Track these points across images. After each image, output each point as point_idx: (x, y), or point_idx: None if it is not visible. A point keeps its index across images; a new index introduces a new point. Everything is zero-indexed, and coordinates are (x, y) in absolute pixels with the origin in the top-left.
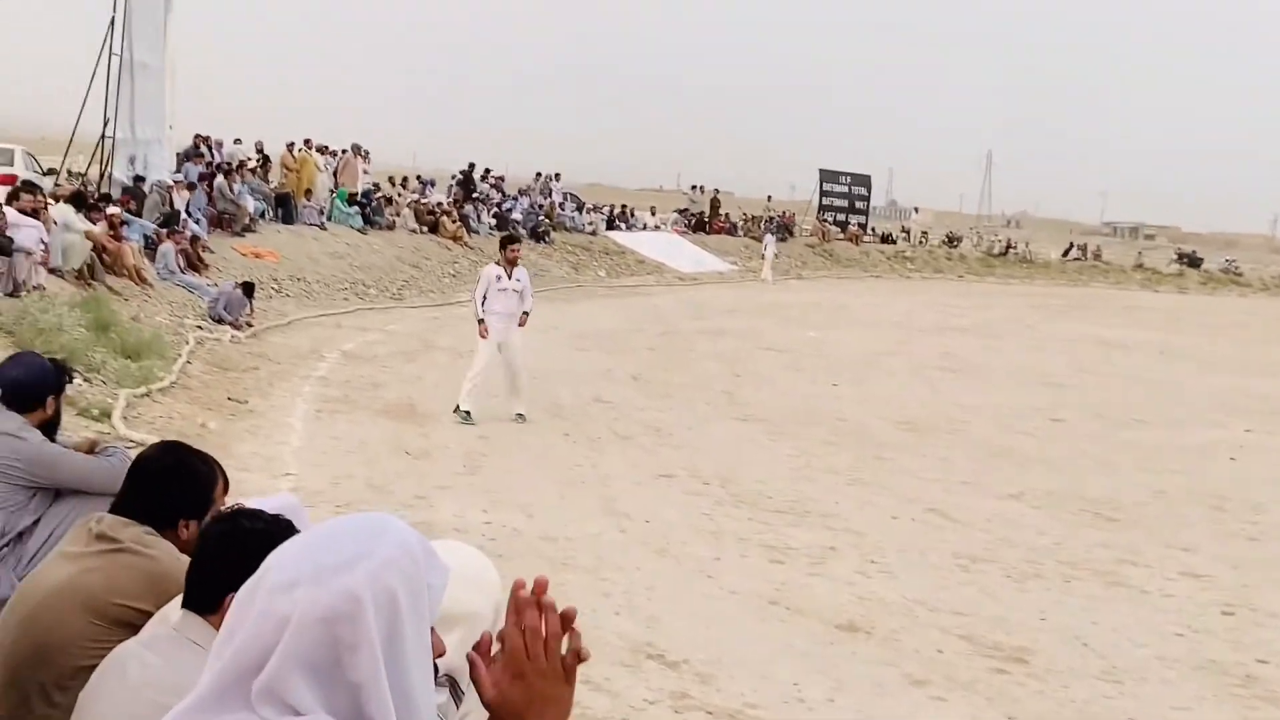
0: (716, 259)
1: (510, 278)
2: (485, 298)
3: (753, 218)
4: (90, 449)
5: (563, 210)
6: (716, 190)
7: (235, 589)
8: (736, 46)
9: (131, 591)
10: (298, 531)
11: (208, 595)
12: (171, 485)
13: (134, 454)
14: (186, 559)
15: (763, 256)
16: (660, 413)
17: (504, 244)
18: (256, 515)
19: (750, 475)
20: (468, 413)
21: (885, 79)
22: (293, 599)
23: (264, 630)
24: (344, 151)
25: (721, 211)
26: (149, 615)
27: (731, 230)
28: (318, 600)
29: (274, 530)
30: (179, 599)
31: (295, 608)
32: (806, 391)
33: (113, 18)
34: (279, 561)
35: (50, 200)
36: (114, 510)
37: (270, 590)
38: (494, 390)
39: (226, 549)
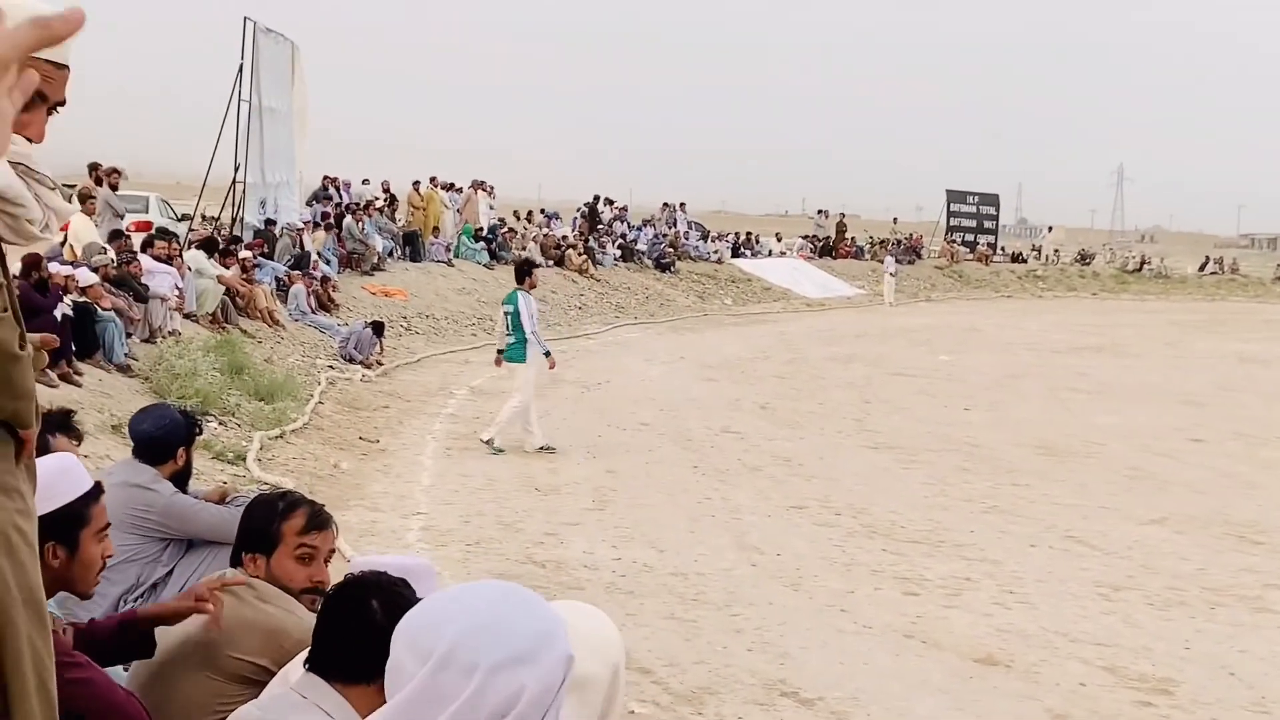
0: (843, 284)
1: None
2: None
3: (879, 241)
4: (221, 499)
5: (687, 240)
6: (842, 214)
7: (365, 657)
8: (861, 66)
9: (248, 646)
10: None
11: (336, 661)
12: (248, 532)
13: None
14: (307, 615)
15: (888, 278)
16: (790, 443)
17: (529, 270)
18: (388, 583)
19: (883, 505)
20: (548, 447)
21: (1014, 94)
22: (519, 677)
23: (489, 703)
24: (468, 187)
25: (847, 235)
26: (268, 672)
27: (858, 254)
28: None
29: (403, 598)
30: (300, 657)
31: (527, 683)
32: (939, 417)
33: (241, 64)
34: (462, 640)
35: (184, 246)
36: (233, 562)
37: (490, 669)
38: (620, 422)
39: (358, 617)
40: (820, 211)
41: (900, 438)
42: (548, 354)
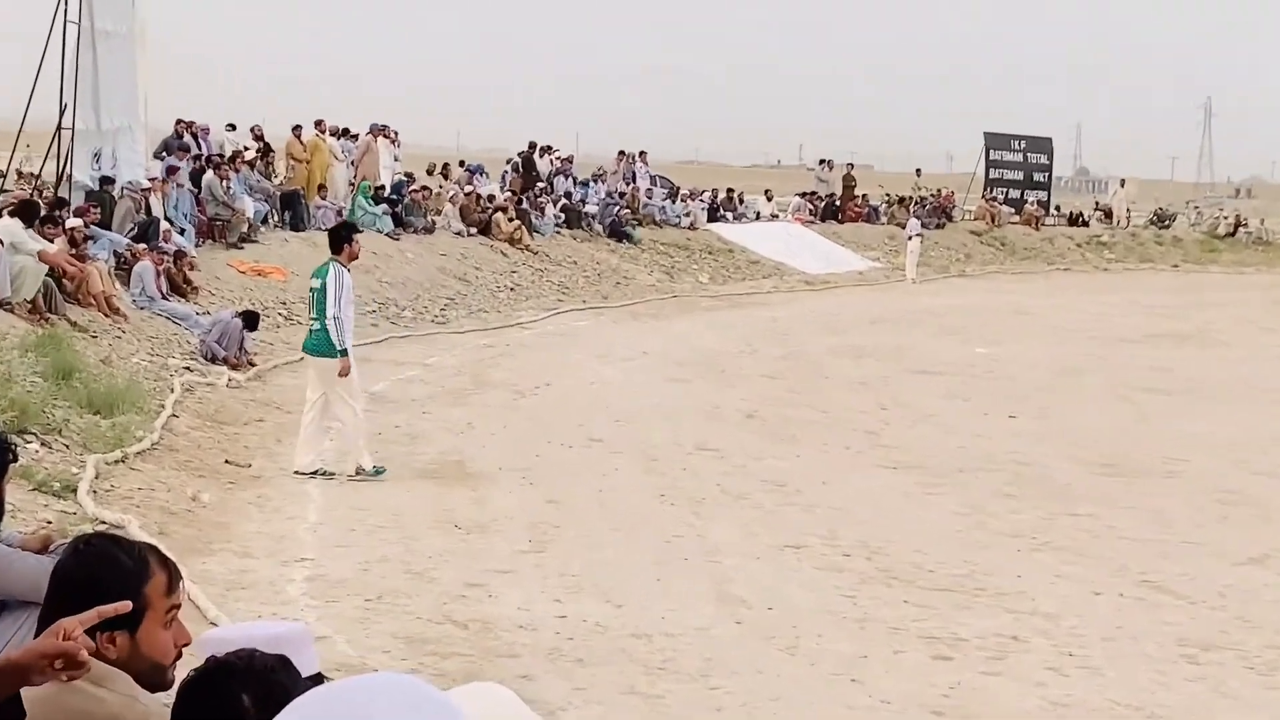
0: (852, 255)
1: None
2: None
3: (899, 199)
4: (44, 546)
5: (650, 199)
6: (851, 165)
7: None
8: None
9: None
10: (297, 676)
11: None
12: (89, 594)
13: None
14: (153, 701)
15: (909, 248)
16: (784, 462)
17: (349, 236)
18: (261, 668)
19: (904, 542)
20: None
21: (1071, 10)
22: None
23: None
24: (365, 134)
25: (858, 193)
26: None
27: (871, 216)
28: None
29: (280, 688)
30: None
31: None
32: (975, 427)
33: None
34: None
35: None
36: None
37: None
38: (565, 437)
39: (213, 706)
40: (822, 162)
41: (926, 454)
42: (343, 353)
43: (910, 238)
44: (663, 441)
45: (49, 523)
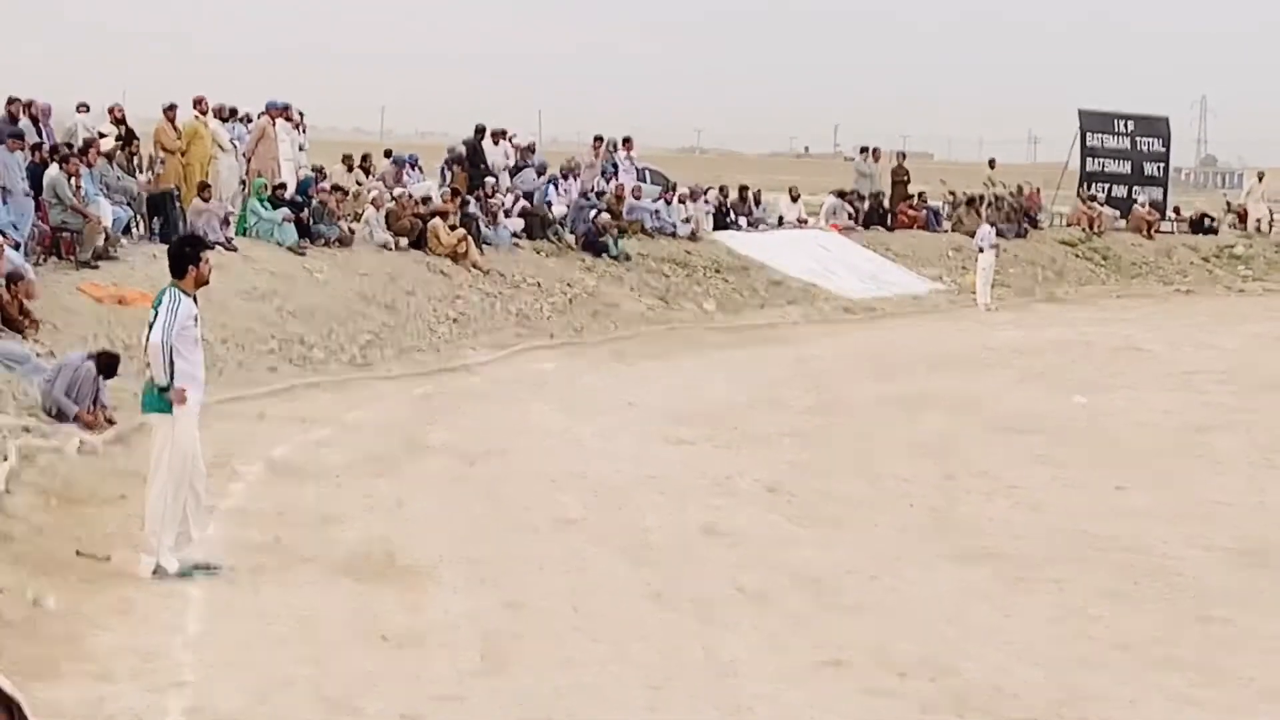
0: (905, 273)
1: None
2: (174, 350)
3: (967, 199)
4: None
5: (638, 200)
6: (901, 154)
7: None
8: None
9: None
10: None
11: None
12: None
13: None
14: None
15: (979, 263)
16: (819, 550)
17: (194, 256)
18: None
19: (980, 658)
20: (197, 567)
21: None
22: None
23: None
24: (260, 116)
25: (912, 190)
26: None
27: (930, 221)
28: None
29: None
30: None
31: None
32: (1072, 503)
33: None
34: None
35: None
36: None
37: None
38: (527, 518)
39: None
40: (864, 150)
41: (1006, 540)
42: (166, 388)
43: (981, 250)
44: (658, 524)
45: None
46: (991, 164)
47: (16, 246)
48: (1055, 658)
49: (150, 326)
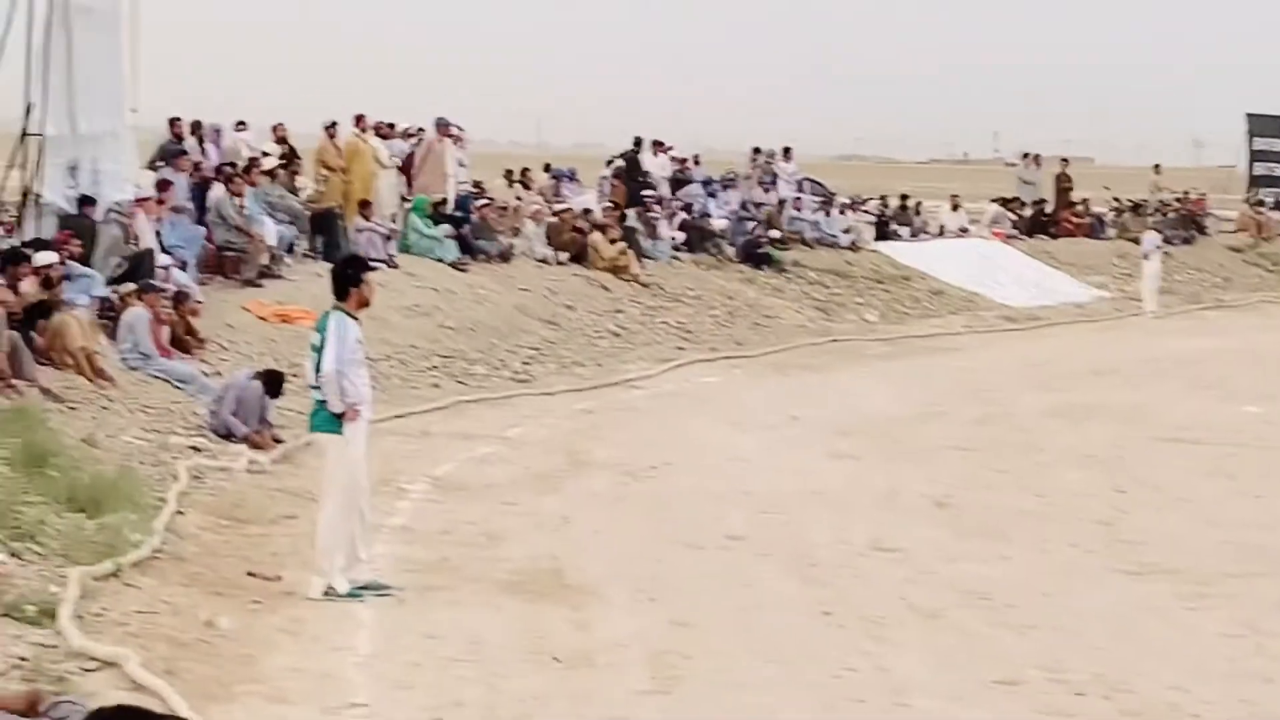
0: (1069, 281)
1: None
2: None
3: (1131, 205)
4: (30, 708)
5: (798, 211)
6: (1065, 161)
7: None
8: None
9: None
10: None
11: None
12: None
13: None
14: None
15: (1145, 270)
16: (988, 566)
17: (357, 277)
18: None
19: (1155, 675)
20: (366, 587)
21: None
22: None
23: None
24: (420, 131)
25: (1075, 197)
26: None
27: (1095, 229)
28: None
29: None
30: None
31: None
32: (1247, 515)
33: None
34: None
35: None
36: None
37: None
38: (693, 535)
39: None
40: (1026, 156)
41: (1180, 554)
42: (339, 416)
43: (1146, 256)
44: (824, 539)
45: (24, 661)
46: (1156, 169)
47: (183, 267)
48: (1232, 674)
49: (318, 352)
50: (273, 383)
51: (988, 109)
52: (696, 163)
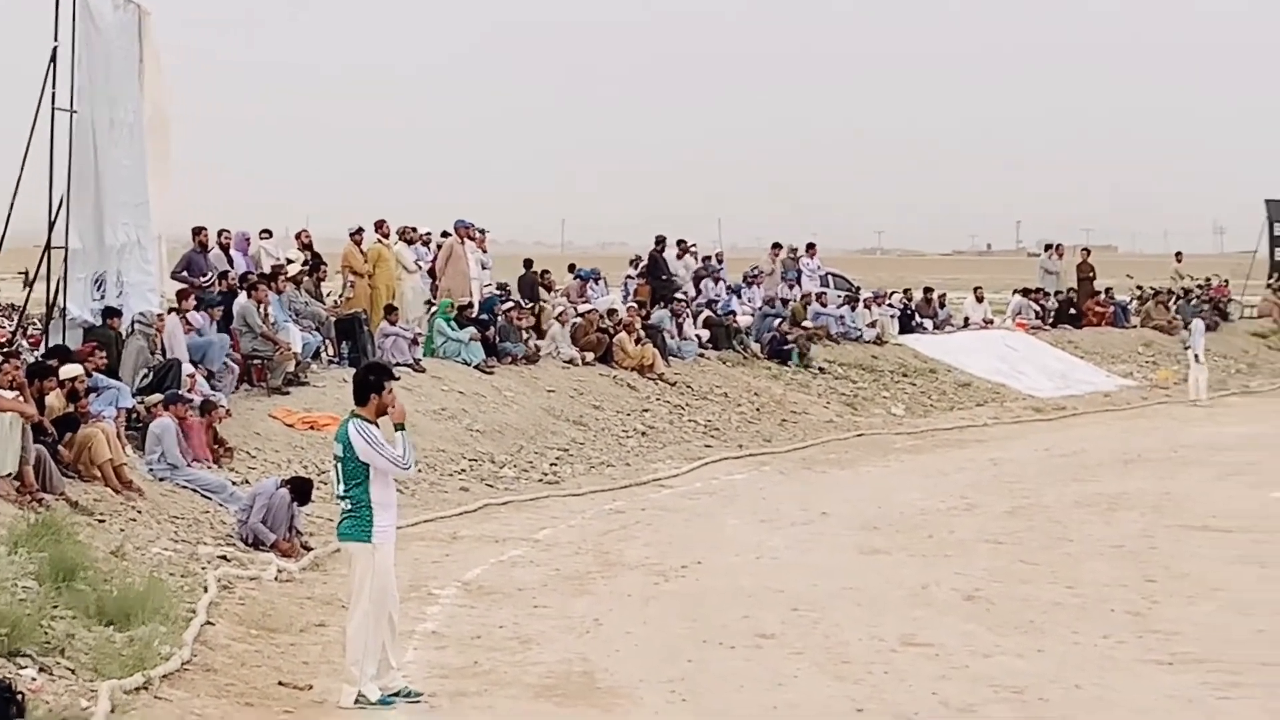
0: (1094, 370)
1: None
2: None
3: (1154, 293)
4: None
5: (823, 306)
6: (1086, 250)
7: None
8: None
9: None
10: None
11: None
12: None
13: None
14: None
15: (1194, 358)
16: (1021, 659)
17: (378, 384)
18: None
19: None
20: (398, 694)
21: None
22: None
23: None
24: (443, 236)
25: (1098, 286)
26: None
27: (1119, 317)
28: None
29: None
30: None
31: None
32: (1278, 602)
33: (55, 46)
34: None
35: None
36: None
37: None
38: (724, 634)
39: None
40: (1048, 247)
41: (1214, 644)
42: (407, 462)
43: (1193, 348)
44: (856, 636)
45: None
46: (1179, 257)
47: (210, 376)
48: None
49: (340, 462)
50: (301, 490)
51: (1010, 195)
52: (720, 260)
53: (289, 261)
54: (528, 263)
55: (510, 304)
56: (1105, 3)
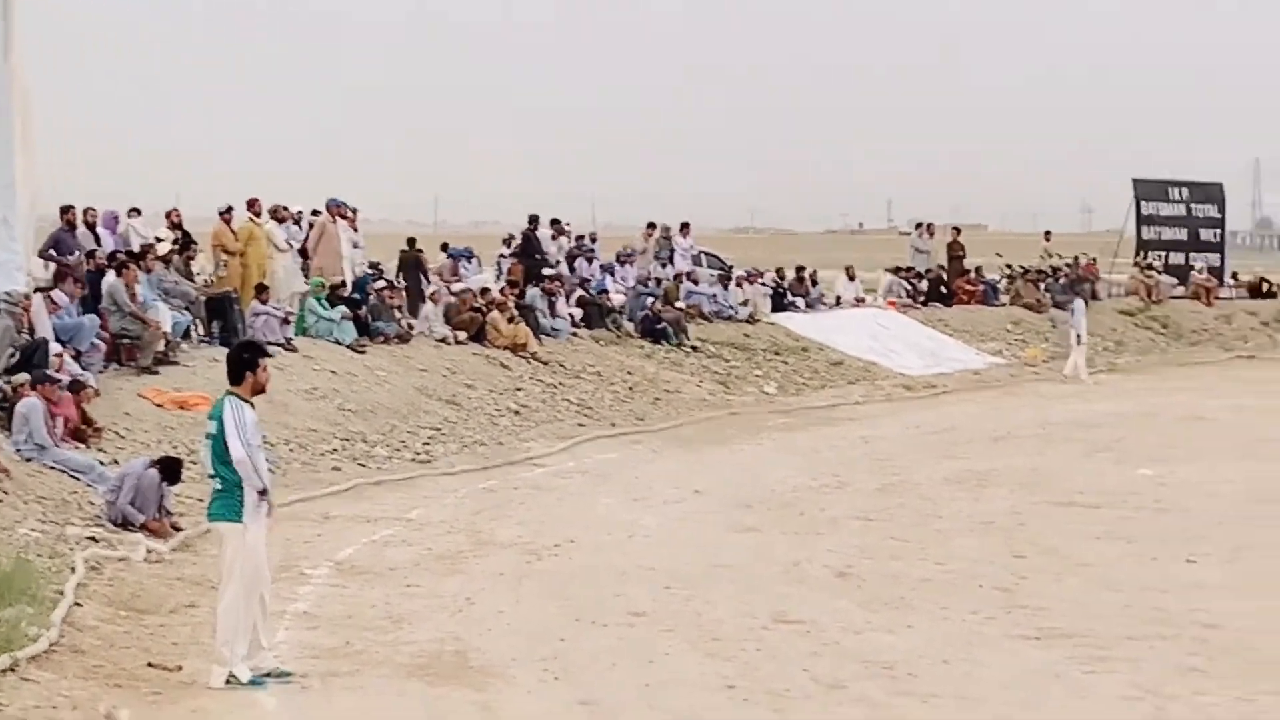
0: (964, 348)
1: None
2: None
3: (1024, 271)
4: None
5: (695, 285)
6: (956, 229)
7: None
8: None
9: None
10: None
11: None
12: None
13: None
14: None
15: (1075, 339)
16: (891, 635)
17: (252, 362)
18: None
19: None
20: (269, 675)
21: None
22: None
23: None
24: (315, 214)
25: (968, 264)
26: None
27: (988, 295)
28: None
29: None
30: None
31: None
32: (1143, 578)
33: None
34: None
35: None
36: None
37: None
38: (597, 613)
39: None
40: (919, 225)
41: (1079, 618)
42: (263, 493)
43: (1073, 326)
44: (728, 613)
45: None
46: (1047, 236)
47: (79, 356)
48: None
49: (212, 439)
50: (170, 470)
51: (883, 174)
52: (593, 240)
53: (158, 240)
54: (410, 241)
55: (382, 283)
56: None
